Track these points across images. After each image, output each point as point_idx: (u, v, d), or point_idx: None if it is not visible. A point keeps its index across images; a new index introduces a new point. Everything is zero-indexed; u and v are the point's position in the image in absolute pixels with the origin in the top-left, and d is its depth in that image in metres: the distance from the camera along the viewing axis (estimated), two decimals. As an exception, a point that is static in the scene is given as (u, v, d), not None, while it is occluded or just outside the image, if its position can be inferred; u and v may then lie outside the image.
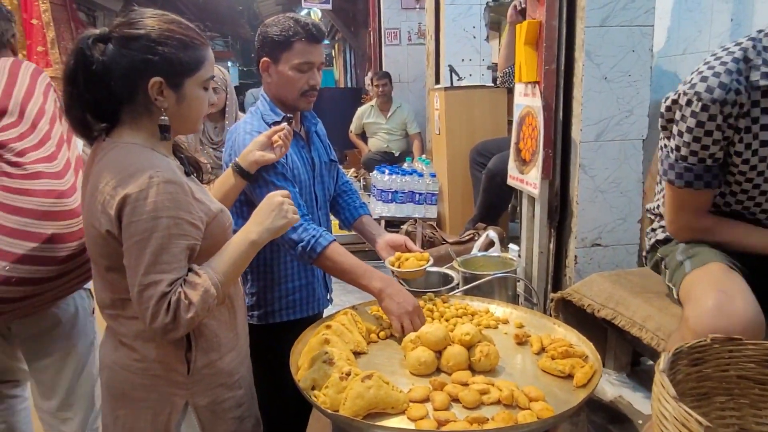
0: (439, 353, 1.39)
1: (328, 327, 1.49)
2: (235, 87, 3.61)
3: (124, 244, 1.09)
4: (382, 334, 1.58)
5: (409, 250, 1.74)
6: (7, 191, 1.37)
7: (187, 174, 1.26)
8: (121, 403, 1.23)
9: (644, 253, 1.64)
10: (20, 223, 1.36)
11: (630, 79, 1.87)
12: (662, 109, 1.37)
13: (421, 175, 3.56)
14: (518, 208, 3.13)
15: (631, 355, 1.77)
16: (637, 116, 1.90)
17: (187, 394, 1.23)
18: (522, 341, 1.53)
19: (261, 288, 1.71)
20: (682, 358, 0.78)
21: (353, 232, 1.98)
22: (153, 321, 1.07)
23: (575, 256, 1.95)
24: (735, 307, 1.11)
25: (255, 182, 1.56)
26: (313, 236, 1.53)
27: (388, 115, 5.57)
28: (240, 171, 1.52)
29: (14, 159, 1.40)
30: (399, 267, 1.71)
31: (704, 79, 1.24)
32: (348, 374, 1.23)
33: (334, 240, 1.57)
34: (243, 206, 1.66)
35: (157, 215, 1.07)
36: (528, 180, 2.00)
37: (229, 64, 21.39)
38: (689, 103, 1.26)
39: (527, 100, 2.01)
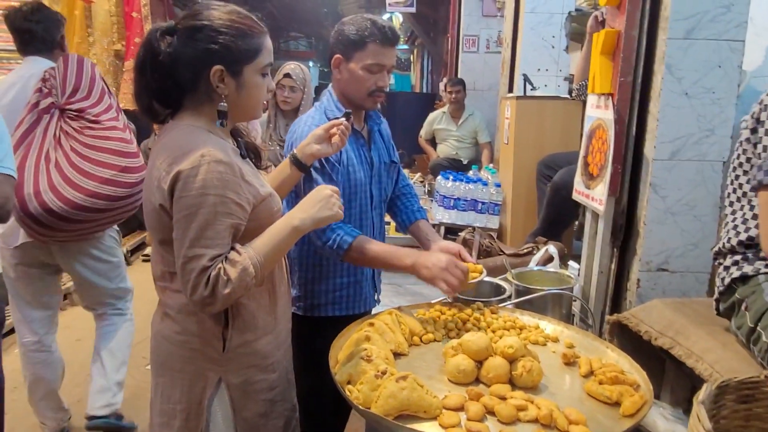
0: (480, 363, 1.36)
1: (371, 325, 1.49)
2: (315, 87, 3.69)
3: (174, 217, 1.15)
4: (425, 337, 1.57)
5: (463, 260, 1.69)
6: (95, 138, 2.07)
7: (243, 157, 1.31)
8: (162, 371, 1.30)
9: (715, 297, 1.51)
10: (105, 158, 2.05)
11: (714, 97, 1.75)
12: (751, 124, 1.34)
13: (485, 183, 3.50)
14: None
15: (689, 391, 1.65)
16: (718, 136, 1.78)
17: (220, 371, 1.27)
18: (570, 361, 1.47)
19: (309, 280, 1.74)
20: (729, 392, 0.72)
21: (408, 235, 1.98)
22: (193, 293, 1.13)
23: (638, 280, 1.84)
24: None
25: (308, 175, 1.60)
26: (338, 234, 1.56)
27: (459, 123, 5.52)
28: (296, 162, 1.55)
29: (93, 118, 2.10)
30: None
31: None
32: (383, 372, 1.23)
33: (359, 233, 1.60)
34: (297, 198, 1.69)
35: (205, 192, 1.13)
36: (594, 195, 1.92)
37: (311, 63, 21.97)
38: None
39: (599, 113, 1.93)
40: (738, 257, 1.43)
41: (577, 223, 3.09)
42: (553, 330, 1.66)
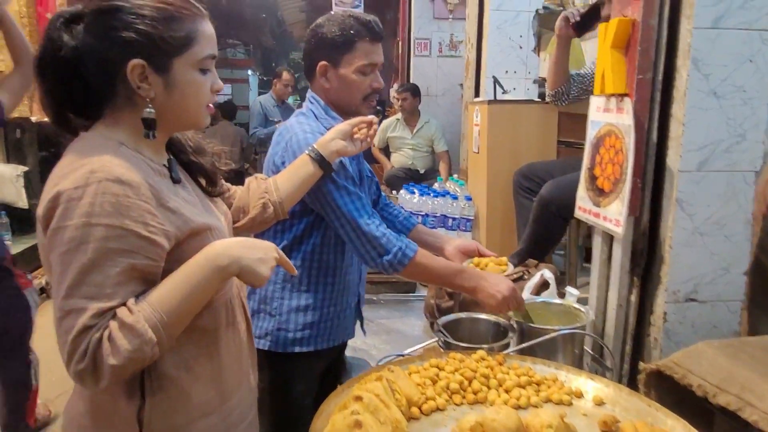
0: (509, 450, 1.02)
1: (358, 399, 1.13)
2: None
3: (50, 255, 0.85)
4: (425, 407, 1.24)
5: (482, 255, 1.70)
6: None
7: (174, 180, 0.98)
8: None
9: None
10: None
11: (744, 96, 1.50)
12: None
13: (455, 197, 3.19)
14: (567, 245, 2.74)
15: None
16: (750, 142, 1.52)
17: None
18: (611, 429, 1.17)
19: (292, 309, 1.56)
20: None
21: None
22: (68, 362, 0.82)
23: (664, 313, 1.56)
24: None
25: (327, 178, 1.43)
26: (400, 246, 1.46)
27: (415, 130, 5.23)
28: (319, 159, 1.37)
29: None
30: None
31: None
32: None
33: (417, 245, 1.51)
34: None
35: (91, 221, 0.82)
36: (607, 215, 1.62)
37: (249, 72, 21.27)
38: None
39: (609, 117, 1.64)
40: None
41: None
42: (575, 382, 1.36)
